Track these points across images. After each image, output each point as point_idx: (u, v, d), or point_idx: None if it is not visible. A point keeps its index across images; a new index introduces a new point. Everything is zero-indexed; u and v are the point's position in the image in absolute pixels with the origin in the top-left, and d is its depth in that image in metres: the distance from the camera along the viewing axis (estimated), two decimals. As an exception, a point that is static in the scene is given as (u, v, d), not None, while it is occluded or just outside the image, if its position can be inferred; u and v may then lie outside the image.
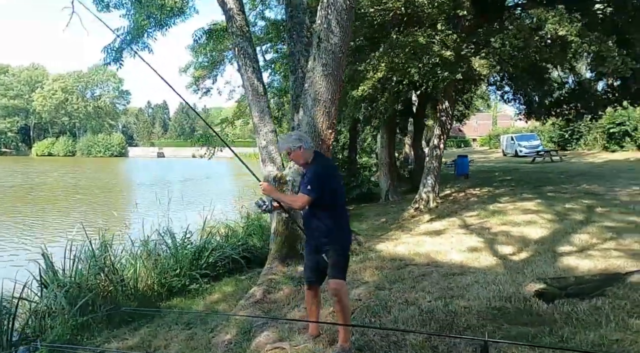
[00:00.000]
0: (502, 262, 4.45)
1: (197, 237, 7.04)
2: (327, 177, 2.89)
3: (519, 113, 19.32)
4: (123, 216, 10.70)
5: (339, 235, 2.90)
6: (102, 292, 4.74)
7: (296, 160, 3.01)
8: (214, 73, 17.69)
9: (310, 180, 2.80)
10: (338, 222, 2.91)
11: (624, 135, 23.42)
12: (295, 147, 2.91)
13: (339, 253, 2.86)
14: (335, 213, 2.89)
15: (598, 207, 7.07)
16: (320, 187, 2.78)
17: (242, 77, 6.29)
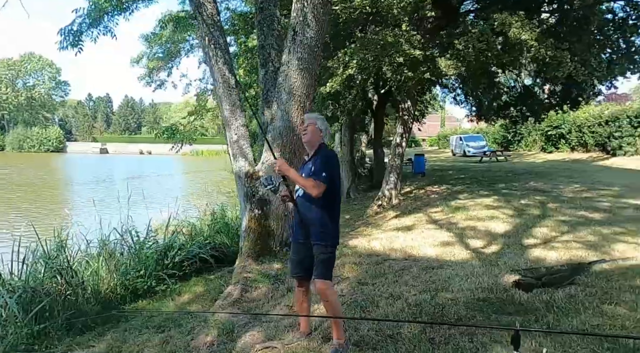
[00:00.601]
0: (475, 255, 4.63)
1: (161, 235, 6.69)
2: (337, 167, 2.87)
3: (470, 114, 20.38)
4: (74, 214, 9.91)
5: (332, 231, 2.81)
6: (60, 296, 4.34)
7: (311, 134, 2.84)
8: (169, 65, 16.95)
9: (324, 167, 2.68)
10: (333, 216, 2.83)
11: (559, 137, 25.36)
12: (318, 126, 2.83)
13: (329, 251, 2.78)
14: (333, 207, 2.82)
15: (549, 202, 7.58)
16: (332, 176, 2.73)
17: (212, 68, 6.03)
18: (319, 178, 2.65)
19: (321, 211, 2.74)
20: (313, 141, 2.84)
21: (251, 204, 5.84)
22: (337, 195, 2.85)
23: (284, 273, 5.09)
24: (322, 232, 2.75)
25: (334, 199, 2.80)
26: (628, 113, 19.15)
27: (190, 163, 46.98)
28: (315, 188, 2.64)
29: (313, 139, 2.83)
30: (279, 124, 5.81)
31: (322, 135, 2.85)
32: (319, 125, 2.85)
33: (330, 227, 2.79)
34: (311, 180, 2.65)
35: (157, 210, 7.98)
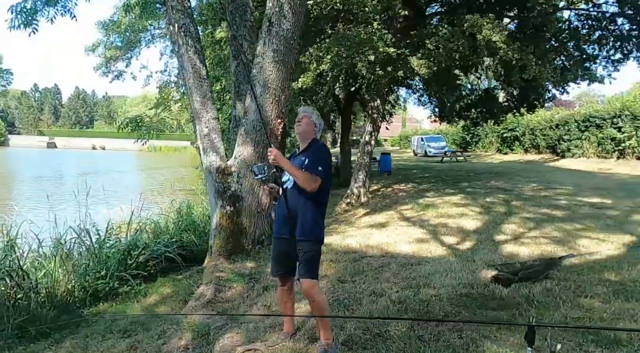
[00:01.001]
0: (451, 252, 4.68)
1: (123, 234, 6.30)
2: (330, 161, 2.75)
3: (433, 115, 20.94)
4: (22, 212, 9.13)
5: (320, 227, 2.69)
6: (9, 300, 3.93)
7: (304, 127, 2.70)
8: (128, 55, 16.12)
9: (319, 161, 2.55)
10: (323, 212, 2.72)
11: (514, 139, 26.63)
12: (312, 120, 2.72)
13: (315, 250, 2.65)
14: (324, 202, 2.70)
15: (512, 200, 7.87)
16: (327, 171, 2.58)
17: (182, 57, 5.72)
18: (315, 172, 2.51)
19: (312, 205, 2.61)
20: (307, 133, 2.71)
21: (223, 201, 5.61)
22: (328, 190, 2.73)
23: (258, 272, 4.92)
24: (310, 228, 2.60)
25: (325, 194, 2.69)
26: (576, 117, 20.39)
27: (148, 159, 45.11)
28: (311, 182, 2.50)
29: (307, 131, 2.71)
30: (252, 118, 5.61)
31: (315, 130, 2.74)
32: (314, 119, 2.74)
33: (320, 223, 2.68)
34: (308, 174, 2.51)
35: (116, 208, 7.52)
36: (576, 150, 20.18)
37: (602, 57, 10.04)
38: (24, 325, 3.80)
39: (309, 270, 2.60)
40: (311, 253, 2.62)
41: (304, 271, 2.60)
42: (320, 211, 2.67)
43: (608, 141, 18.27)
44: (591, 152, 19.28)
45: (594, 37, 9.73)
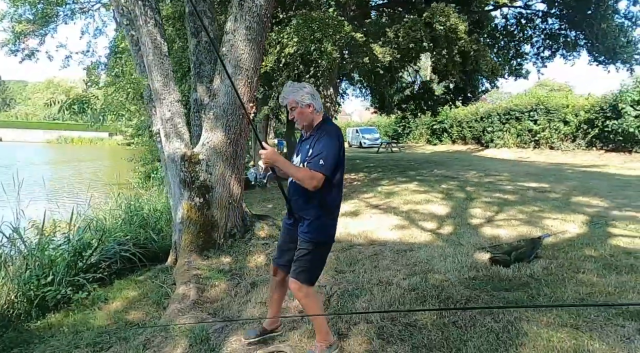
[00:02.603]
0: (436, 237, 4.73)
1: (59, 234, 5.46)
2: (341, 149, 2.27)
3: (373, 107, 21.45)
4: None
5: (325, 225, 2.31)
6: None
7: (300, 119, 2.31)
8: (41, 31, 14.10)
9: (324, 153, 2.15)
10: (330, 208, 2.32)
11: (442, 131, 28.38)
12: (304, 104, 2.27)
13: (312, 250, 2.29)
14: (331, 197, 2.30)
15: (466, 186, 8.28)
16: (335, 163, 2.19)
17: (140, 31, 5.04)
18: (316, 168, 2.13)
19: (316, 201, 2.25)
20: (305, 120, 2.31)
21: (190, 191, 5.09)
22: (338, 183, 2.33)
23: (238, 268, 4.55)
24: (311, 226, 2.28)
25: (334, 188, 2.28)
26: (498, 111, 22.25)
27: (61, 152, 40.53)
28: (311, 180, 2.13)
29: (303, 118, 2.30)
30: (223, 101, 5.14)
31: (313, 110, 2.30)
32: (301, 103, 2.28)
33: (324, 221, 2.30)
34: (306, 171, 2.15)
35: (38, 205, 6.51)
36: (498, 141, 22.06)
37: (533, 53, 10.95)
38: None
39: (300, 271, 2.31)
40: (307, 255, 2.30)
41: (294, 270, 2.34)
42: (326, 207, 2.29)
43: (526, 132, 20.21)
44: (511, 143, 21.21)
45: (526, 35, 10.56)
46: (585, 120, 16.40)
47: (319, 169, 2.13)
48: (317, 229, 2.28)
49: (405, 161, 17.20)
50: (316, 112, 2.32)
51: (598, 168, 12.52)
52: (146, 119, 13.17)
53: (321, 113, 2.37)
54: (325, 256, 2.45)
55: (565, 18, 9.28)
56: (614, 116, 14.87)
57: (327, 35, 6.46)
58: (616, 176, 10.19)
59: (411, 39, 7.17)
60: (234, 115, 5.19)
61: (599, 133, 15.72)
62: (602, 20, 8.39)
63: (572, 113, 17.22)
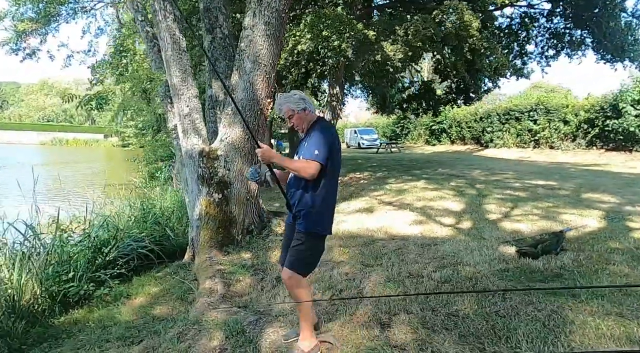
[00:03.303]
0: (457, 231, 4.74)
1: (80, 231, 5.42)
2: (334, 142, 2.36)
3: (374, 107, 21.50)
4: None
5: (321, 218, 2.37)
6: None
7: (299, 124, 2.43)
8: (44, 30, 14.00)
9: (318, 143, 2.27)
10: (327, 201, 2.38)
11: (441, 131, 28.48)
12: (299, 109, 2.40)
13: (306, 242, 2.35)
14: (327, 189, 2.36)
15: (475, 184, 8.31)
16: (329, 153, 2.28)
17: (159, 26, 5.02)
18: (310, 157, 2.25)
19: (311, 192, 2.31)
20: (303, 123, 2.43)
21: (209, 188, 5.08)
22: (334, 176, 2.40)
23: (260, 263, 4.54)
24: (306, 217, 2.33)
25: (329, 180, 2.35)
26: (498, 111, 22.38)
27: (57, 153, 40.16)
28: (306, 169, 2.22)
29: (305, 123, 2.43)
30: (241, 96, 5.13)
31: (308, 113, 2.42)
32: (297, 108, 2.40)
33: (320, 212, 2.35)
34: (302, 161, 2.28)
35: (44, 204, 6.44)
36: (498, 141, 22.18)
37: (537, 53, 11.03)
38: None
39: (293, 261, 2.37)
40: (301, 244, 2.35)
41: (287, 259, 2.41)
42: (322, 198, 2.33)
43: (525, 132, 20.34)
44: (511, 143, 21.33)
45: (531, 35, 10.64)
46: (586, 120, 16.54)
47: (314, 158, 2.24)
48: (312, 220, 2.33)
49: (407, 161, 17.22)
50: (311, 112, 2.44)
51: (600, 167, 12.63)
52: (151, 117, 13.12)
53: (315, 112, 2.49)
54: (319, 248, 2.47)
55: (571, 17, 9.38)
56: (614, 116, 15.01)
57: (340, 32, 6.46)
58: (620, 174, 10.28)
59: (422, 36, 7.19)
60: (252, 110, 5.18)
61: (600, 132, 15.86)
62: (611, 19, 8.49)
63: (572, 113, 17.36)
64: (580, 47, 10.11)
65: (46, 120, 76.86)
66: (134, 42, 12.98)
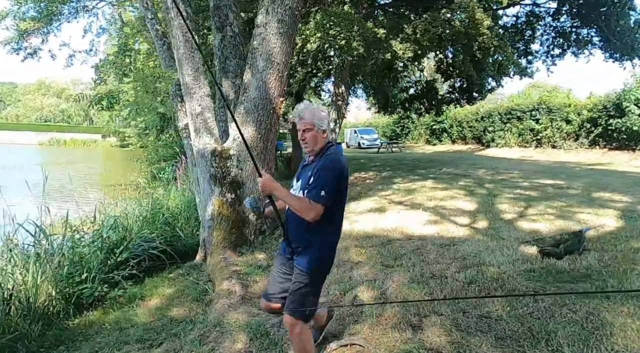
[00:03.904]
0: (473, 231, 4.69)
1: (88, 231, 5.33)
2: (344, 175, 2.11)
3: (375, 107, 21.43)
4: None
5: (324, 256, 2.15)
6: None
7: (311, 143, 2.13)
8: (45, 30, 13.90)
9: (326, 181, 2.02)
10: (330, 236, 2.17)
11: (442, 131, 28.47)
12: (320, 129, 2.12)
13: (310, 283, 2.13)
14: (332, 227, 2.15)
15: (484, 184, 8.27)
16: (335, 192, 2.04)
17: (171, 23, 4.96)
18: (315, 199, 1.99)
19: (315, 230, 2.09)
20: (318, 148, 2.14)
21: (222, 187, 5.02)
22: (339, 214, 2.18)
23: (276, 264, 4.48)
24: (309, 254, 2.12)
25: (334, 220, 2.14)
26: (499, 110, 22.36)
27: (56, 153, 39.86)
28: (309, 211, 1.99)
29: (317, 145, 2.14)
30: (254, 95, 5.07)
31: (325, 136, 2.15)
32: (319, 125, 2.12)
33: (323, 249, 2.14)
34: (305, 202, 2.01)
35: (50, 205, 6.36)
36: (500, 141, 22.16)
37: (542, 52, 11.01)
38: (10, 344, 2.96)
39: (297, 306, 2.14)
40: (304, 287, 2.13)
41: (289, 304, 2.17)
42: (324, 235, 2.12)
43: (527, 132, 20.32)
44: (513, 142, 21.32)
45: (536, 33, 10.61)
46: (588, 119, 16.54)
47: (319, 200, 1.99)
48: (315, 260, 2.12)
49: (410, 160, 17.18)
50: (327, 137, 2.19)
51: (604, 166, 12.60)
52: (154, 117, 13.04)
53: (328, 140, 2.21)
54: (320, 288, 2.27)
55: (578, 15, 9.36)
56: (617, 115, 15.00)
57: (349, 31, 6.41)
58: (626, 174, 10.26)
59: (431, 35, 7.15)
60: (264, 109, 5.13)
61: (603, 132, 15.85)
62: (620, 17, 8.46)
63: (575, 112, 17.36)
64: (587, 45, 10.09)
65: (44, 120, 76.53)
66: (134, 42, 12.90)
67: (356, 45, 6.42)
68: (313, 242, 2.10)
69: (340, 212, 2.17)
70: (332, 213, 2.07)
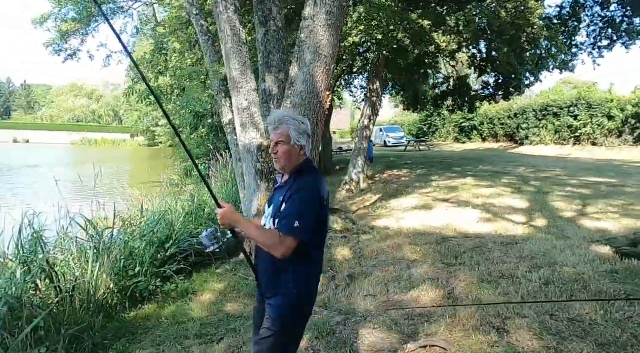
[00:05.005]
0: (534, 230, 4.47)
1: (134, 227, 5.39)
2: (323, 204, 1.75)
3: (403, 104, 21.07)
4: None
5: (296, 303, 1.74)
6: (58, 307, 3.08)
7: (285, 159, 1.75)
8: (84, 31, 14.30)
9: (300, 210, 1.66)
10: (306, 281, 1.76)
11: (472, 129, 27.77)
12: (298, 144, 1.74)
13: (279, 334, 1.73)
14: (308, 265, 1.75)
15: (530, 181, 7.94)
16: (313, 223, 1.68)
17: (219, 17, 4.92)
18: (287, 230, 1.62)
19: (289, 271, 1.71)
20: (291, 166, 1.77)
21: (268, 183, 4.94)
22: (319, 250, 1.80)
23: (325, 260, 4.38)
24: (280, 301, 1.73)
25: (312, 256, 1.75)
26: (534, 107, 21.60)
27: (89, 152, 41.20)
28: (278, 247, 1.62)
29: (291, 163, 1.76)
30: (300, 89, 4.97)
31: (302, 154, 1.77)
32: (295, 139, 1.74)
33: (297, 298, 1.73)
34: (274, 235, 1.64)
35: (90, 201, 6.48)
36: (534, 138, 21.40)
37: (588, 44, 10.49)
38: (77, 335, 2.98)
39: None
40: (270, 337, 1.73)
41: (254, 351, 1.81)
42: (300, 282, 1.73)
43: (565, 128, 19.54)
44: (549, 139, 20.55)
45: (583, 24, 10.12)
46: (633, 115, 15.74)
47: (291, 233, 1.62)
48: (287, 307, 1.72)
49: (441, 159, 16.83)
50: (305, 156, 1.79)
51: (653, 164, 11.96)
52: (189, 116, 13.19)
53: (305, 158, 1.80)
54: (293, 346, 1.81)
55: (631, 4, 8.85)
56: (666, 110, 14.21)
57: (394, 23, 6.23)
58: (683, 172, 9.67)
59: (475, 27, 6.88)
60: (311, 103, 5.01)
61: (649, 128, 15.06)
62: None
63: (618, 107, 16.55)
64: (639, 36, 9.55)
65: (76, 120, 79.32)
66: (169, 41, 13.08)
67: (402, 37, 6.23)
68: (283, 284, 1.71)
69: (319, 249, 1.78)
70: (307, 250, 1.68)
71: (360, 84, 16.25)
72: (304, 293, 1.75)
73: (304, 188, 1.69)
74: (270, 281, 1.76)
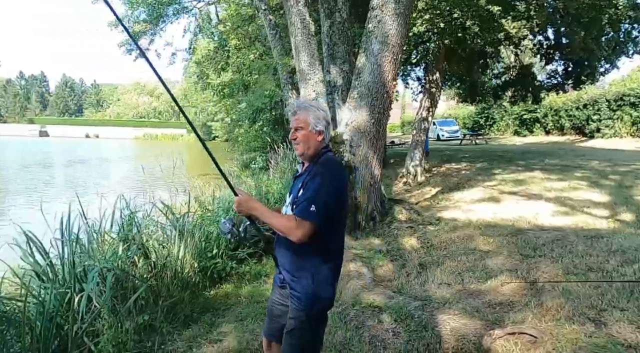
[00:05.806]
0: (619, 224, 4.21)
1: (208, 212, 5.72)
2: (342, 193, 1.78)
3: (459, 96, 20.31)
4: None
5: (318, 290, 1.74)
6: (145, 281, 3.38)
7: (303, 144, 1.78)
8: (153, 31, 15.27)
9: (317, 195, 1.66)
10: (326, 267, 1.76)
11: (534, 121, 26.20)
12: (316, 129, 1.77)
13: (306, 323, 1.75)
14: (326, 255, 1.76)
15: (608, 175, 7.40)
16: (328, 208, 1.67)
17: (290, 10, 5.08)
18: (303, 216, 1.63)
19: (308, 257, 1.73)
20: (311, 153, 1.79)
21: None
22: (336, 234, 1.79)
23: (395, 249, 4.41)
24: (303, 288, 1.74)
25: (331, 243, 1.76)
26: (607, 97, 19.94)
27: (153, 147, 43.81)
28: (295, 231, 1.63)
29: (312, 150, 1.78)
30: (367, 79, 5.00)
31: (321, 140, 1.79)
32: (313, 125, 1.76)
33: (320, 281, 1.74)
34: (290, 220, 1.66)
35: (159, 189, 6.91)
36: (607, 130, 19.79)
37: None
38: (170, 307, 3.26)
39: (291, 348, 1.80)
40: (298, 329, 1.76)
41: (284, 347, 1.83)
42: (320, 269, 1.74)
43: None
44: (624, 132, 18.92)
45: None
46: None
47: (307, 217, 1.62)
48: (310, 295, 1.73)
49: (501, 152, 16.08)
50: (324, 142, 1.80)
51: None
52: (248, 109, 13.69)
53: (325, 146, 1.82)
54: (321, 329, 1.86)
55: None
56: None
57: (461, 10, 6.05)
58: None
59: (549, 10, 6.49)
60: (378, 93, 5.04)
61: None
62: None
63: None
64: None
65: (139, 117, 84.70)
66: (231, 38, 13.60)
67: (470, 24, 6.02)
68: (307, 275, 1.73)
69: (336, 242, 1.79)
70: (324, 242, 1.70)
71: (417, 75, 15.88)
72: (324, 282, 1.75)
73: (321, 174, 1.71)
74: (290, 268, 1.78)
